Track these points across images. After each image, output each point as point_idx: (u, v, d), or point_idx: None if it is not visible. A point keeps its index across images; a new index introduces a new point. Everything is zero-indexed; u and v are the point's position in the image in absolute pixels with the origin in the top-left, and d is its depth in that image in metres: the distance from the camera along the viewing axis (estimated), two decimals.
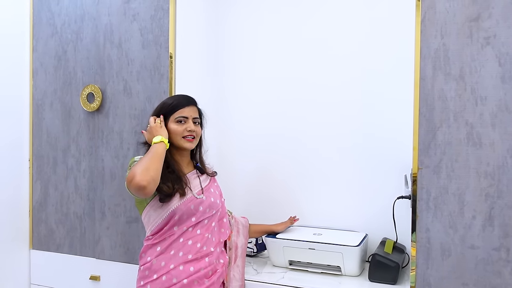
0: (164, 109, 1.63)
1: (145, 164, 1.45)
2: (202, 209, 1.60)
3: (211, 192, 1.67)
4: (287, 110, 2.21)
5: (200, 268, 1.56)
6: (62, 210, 2.16)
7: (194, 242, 1.57)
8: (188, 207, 1.57)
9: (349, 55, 2.09)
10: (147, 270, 1.55)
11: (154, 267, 1.54)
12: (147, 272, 1.55)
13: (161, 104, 1.66)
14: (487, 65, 1.44)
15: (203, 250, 1.58)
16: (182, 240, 1.56)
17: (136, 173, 1.42)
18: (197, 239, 1.58)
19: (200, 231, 1.59)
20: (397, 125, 1.98)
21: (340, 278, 1.78)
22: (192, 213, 1.58)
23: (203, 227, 1.61)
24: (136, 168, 1.44)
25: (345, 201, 2.10)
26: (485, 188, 1.45)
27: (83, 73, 2.10)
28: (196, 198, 1.59)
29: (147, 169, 1.44)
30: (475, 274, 1.46)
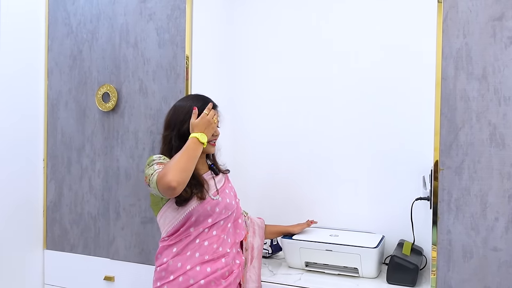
0: (189, 115, 1.58)
1: (182, 164, 1.44)
2: (218, 211, 1.59)
3: (226, 193, 1.66)
4: (303, 110, 2.20)
5: (217, 268, 1.55)
6: (77, 210, 2.16)
7: (210, 243, 1.56)
8: (205, 209, 1.56)
9: (369, 54, 2.07)
10: (164, 271, 1.54)
11: (170, 268, 1.53)
12: (163, 273, 1.54)
13: (185, 110, 1.58)
14: (510, 64, 1.42)
15: (219, 251, 1.57)
16: (198, 241, 1.55)
17: (170, 171, 1.41)
18: (213, 240, 1.57)
19: (216, 232, 1.59)
20: (415, 125, 1.96)
21: (358, 280, 1.77)
22: (208, 214, 1.57)
23: (219, 228, 1.60)
24: (172, 166, 1.42)
25: (362, 202, 2.08)
26: (509, 190, 1.43)
27: (99, 73, 2.10)
28: (212, 200, 1.58)
29: (183, 170, 1.43)
30: (498, 277, 1.44)
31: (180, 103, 1.64)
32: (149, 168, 1.53)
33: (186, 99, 1.66)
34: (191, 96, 1.69)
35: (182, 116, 1.59)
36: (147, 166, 1.55)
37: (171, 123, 1.61)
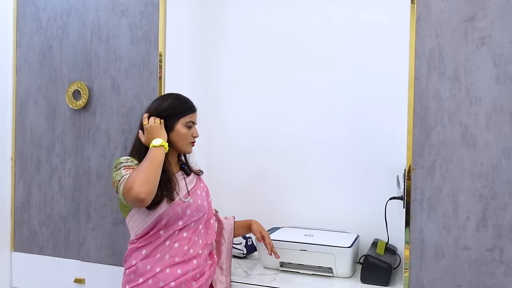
0: (175, 110, 1.56)
1: (145, 174, 1.39)
2: (189, 213, 1.55)
3: (197, 194, 1.62)
4: (279, 110, 2.19)
5: (188, 270, 1.51)
6: (46, 210, 2.09)
7: (180, 245, 1.53)
8: (176, 212, 1.52)
9: (343, 55, 2.08)
10: (133, 274, 1.50)
11: (139, 270, 1.49)
12: (132, 276, 1.50)
13: (170, 103, 1.56)
14: (482, 65, 1.44)
15: (190, 253, 1.54)
16: (169, 243, 1.52)
17: (135, 183, 1.37)
18: (184, 242, 1.54)
19: (187, 234, 1.55)
20: (389, 126, 1.97)
21: (332, 279, 1.76)
22: (179, 217, 1.53)
23: (190, 230, 1.56)
24: (135, 178, 1.38)
25: (337, 202, 2.09)
26: (479, 189, 1.45)
27: (69, 70, 2.05)
28: (183, 202, 1.54)
29: (147, 180, 1.39)
30: (469, 275, 1.46)
31: (157, 102, 1.59)
32: (116, 172, 1.49)
33: (163, 98, 1.61)
34: (167, 96, 1.63)
35: (157, 116, 1.56)
36: (114, 169, 1.51)
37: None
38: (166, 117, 1.55)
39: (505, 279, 1.42)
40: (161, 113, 1.55)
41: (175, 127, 1.56)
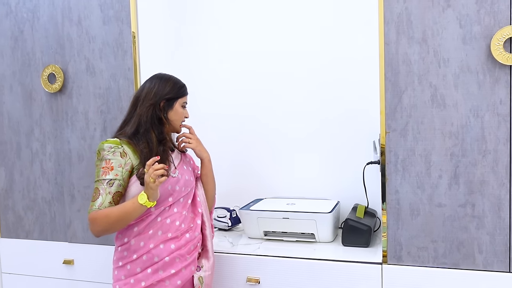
0: (176, 92, 1.59)
1: (113, 225, 1.43)
2: (178, 189, 1.57)
3: (184, 170, 1.64)
4: (254, 83, 2.20)
5: (182, 245, 1.54)
6: (30, 195, 2.10)
7: (172, 220, 1.55)
8: (165, 188, 1.53)
9: (313, 24, 2.09)
10: (126, 251, 1.52)
11: (133, 247, 1.51)
12: (125, 253, 1.52)
13: (171, 84, 1.59)
14: (448, 27, 1.47)
15: (182, 227, 1.56)
16: (160, 219, 1.54)
17: (97, 223, 1.43)
18: (175, 217, 1.56)
19: (177, 209, 1.57)
20: (363, 92, 2.00)
21: (315, 244, 1.82)
22: (169, 193, 1.55)
23: (179, 205, 1.59)
24: (102, 219, 1.42)
25: (316, 170, 2.13)
26: (450, 148, 1.50)
27: (42, 53, 2.03)
28: (172, 177, 1.56)
29: (108, 230, 1.45)
30: (443, 231, 1.52)
31: (157, 86, 1.57)
32: (97, 165, 1.50)
33: (161, 81, 1.59)
34: (165, 78, 1.61)
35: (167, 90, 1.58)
36: (97, 157, 1.51)
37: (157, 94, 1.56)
38: (168, 99, 1.58)
39: (477, 232, 1.49)
40: (165, 95, 1.57)
41: (174, 106, 1.59)
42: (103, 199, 1.44)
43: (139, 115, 1.55)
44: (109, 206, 1.45)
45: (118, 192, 1.47)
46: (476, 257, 1.49)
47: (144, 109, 1.54)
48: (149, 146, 1.52)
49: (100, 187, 1.46)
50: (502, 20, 1.42)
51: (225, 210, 2.09)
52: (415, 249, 1.55)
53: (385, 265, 1.58)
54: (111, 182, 1.46)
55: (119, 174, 1.47)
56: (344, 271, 1.62)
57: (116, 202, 1.47)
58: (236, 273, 1.75)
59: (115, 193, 1.46)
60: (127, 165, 1.49)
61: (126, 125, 1.58)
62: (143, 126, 1.54)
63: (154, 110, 1.55)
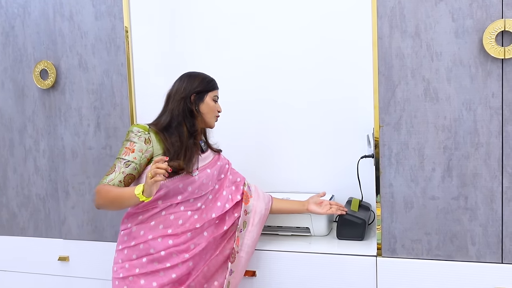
0: (204, 85, 1.65)
1: (109, 203, 1.48)
2: (191, 190, 1.56)
3: (207, 173, 1.62)
4: (248, 78, 2.20)
5: (180, 242, 1.54)
6: (24, 192, 2.09)
7: (176, 217, 1.55)
8: (176, 186, 1.53)
9: (305, 19, 2.09)
10: (126, 236, 1.57)
11: (133, 234, 1.55)
12: (126, 238, 1.57)
13: (199, 82, 1.64)
14: (441, 21, 1.47)
15: (185, 226, 1.55)
16: (164, 214, 1.55)
17: (98, 196, 1.49)
18: (180, 215, 1.56)
19: (184, 208, 1.57)
20: (357, 86, 2.01)
21: (310, 238, 1.83)
22: (179, 191, 1.55)
23: (188, 205, 1.58)
24: (103, 193, 1.47)
25: (311, 164, 2.14)
26: (443, 141, 1.51)
27: (34, 49, 2.01)
28: (190, 176, 1.55)
29: (105, 206, 1.50)
30: (437, 224, 1.54)
31: (186, 83, 1.64)
32: (123, 144, 1.55)
33: (190, 78, 1.66)
34: (193, 76, 1.67)
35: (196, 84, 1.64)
36: (125, 138, 1.57)
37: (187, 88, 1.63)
38: (198, 92, 1.63)
39: (470, 224, 1.50)
40: (194, 89, 1.62)
41: (205, 99, 1.64)
42: (115, 176, 1.50)
43: (171, 110, 1.60)
44: (117, 184, 1.49)
45: (131, 175, 1.52)
46: (469, 248, 1.51)
47: (176, 104, 1.60)
48: (181, 139, 1.56)
49: (117, 164, 1.52)
50: (494, 14, 1.43)
51: None
52: (409, 242, 1.57)
53: (380, 258, 1.60)
54: (128, 163, 1.51)
55: (137, 158, 1.52)
56: (339, 264, 1.63)
57: (126, 183, 1.52)
58: None
59: (128, 175, 1.51)
60: (148, 152, 1.53)
61: (159, 119, 1.62)
62: (176, 119, 1.59)
63: (185, 103, 1.60)
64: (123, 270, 1.53)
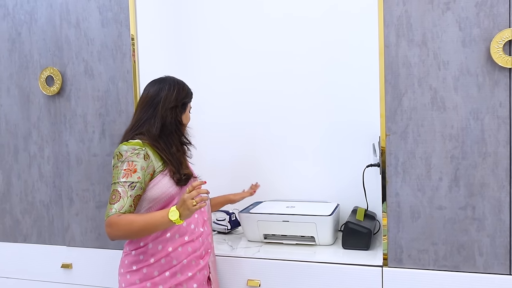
0: (190, 96, 1.66)
1: (135, 233, 1.38)
2: None
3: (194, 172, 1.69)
4: (255, 85, 2.20)
5: (196, 248, 1.55)
6: (27, 199, 2.09)
7: (188, 223, 1.54)
8: (185, 190, 1.53)
9: (312, 26, 2.09)
10: (142, 255, 1.50)
11: (150, 251, 1.49)
12: (141, 257, 1.50)
13: (186, 89, 1.64)
14: (448, 30, 1.47)
15: (196, 231, 1.56)
16: None
17: (117, 228, 1.37)
18: (190, 220, 1.56)
19: None
20: (362, 95, 2.01)
21: (315, 248, 1.81)
22: None
23: None
24: (125, 225, 1.37)
25: (316, 173, 2.13)
26: (450, 150, 1.50)
27: (40, 56, 2.02)
28: (196, 180, 1.60)
29: (129, 237, 1.42)
30: (444, 234, 1.52)
31: (174, 90, 1.59)
32: (117, 167, 1.45)
33: (177, 86, 1.61)
34: (180, 83, 1.64)
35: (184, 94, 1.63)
36: (117, 158, 1.47)
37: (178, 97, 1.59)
38: (184, 103, 1.62)
39: (477, 234, 1.49)
40: (183, 99, 1.62)
41: (186, 110, 1.65)
42: (124, 202, 1.41)
43: (162, 117, 1.54)
44: (129, 209, 1.41)
45: (138, 195, 1.45)
46: (477, 259, 1.49)
47: (168, 112, 1.55)
48: (177, 148, 1.57)
49: (120, 189, 1.42)
50: (502, 23, 1.42)
51: (224, 213, 2.08)
52: (415, 252, 1.55)
53: (386, 268, 1.58)
54: (133, 185, 1.43)
55: (141, 177, 1.45)
56: (345, 274, 1.62)
57: (135, 206, 1.45)
58: (236, 276, 1.74)
59: (136, 197, 1.44)
60: (150, 168, 1.48)
61: (143, 126, 1.54)
62: (168, 128, 1.56)
63: (176, 113, 1.59)
64: None
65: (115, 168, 1.47)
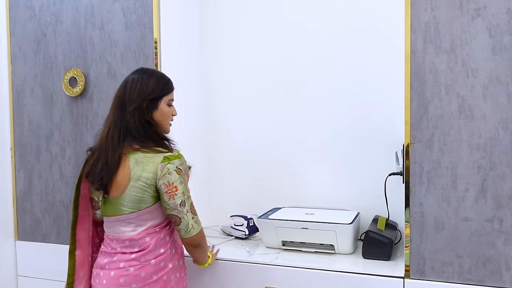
0: (160, 90, 1.49)
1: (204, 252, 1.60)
2: None
3: None
4: (276, 92, 2.18)
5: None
6: (48, 199, 2.11)
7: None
8: None
9: (337, 33, 2.07)
10: (163, 262, 1.48)
11: (169, 256, 1.50)
12: (162, 264, 1.48)
13: (155, 84, 1.47)
14: (478, 37, 1.43)
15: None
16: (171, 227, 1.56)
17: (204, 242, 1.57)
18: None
19: None
20: (386, 102, 1.97)
21: (334, 256, 1.78)
22: None
23: None
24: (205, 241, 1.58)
25: (337, 180, 2.09)
26: (478, 161, 1.45)
27: (64, 57, 2.04)
28: None
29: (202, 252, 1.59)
30: (469, 246, 1.47)
31: (140, 83, 1.46)
32: (185, 176, 1.48)
33: (144, 78, 1.48)
34: (148, 74, 1.50)
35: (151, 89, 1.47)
36: (182, 171, 1.45)
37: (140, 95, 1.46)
38: (152, 99, 1.47)
39: (505, 248, 1.44)
40: (149, 96, 1.46)
41: (159, 106, 1.49)
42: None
43: (127, 122, 1.44)
44: None
45: None
46: (503, 274, 1.44)
47: (129, 116, 1.44)
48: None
49: (192, 203, 1.50)
50: None
51: (242, 219, 2.06)
52: (439, 264, 1.51)
53: (407, 280, 1.54)
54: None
55: None
56: (365, 284, 1.58)
57: None
58: (253, 282, 1.72)
59: None
60: None
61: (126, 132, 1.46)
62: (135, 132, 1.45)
63: (140, 113, 1.45)
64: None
65: (180, 183, 1.44)
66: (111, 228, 1.50)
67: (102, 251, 1.52)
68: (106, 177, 1.44)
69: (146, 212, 1.46)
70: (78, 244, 1.55)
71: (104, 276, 1.45)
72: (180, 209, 1.44)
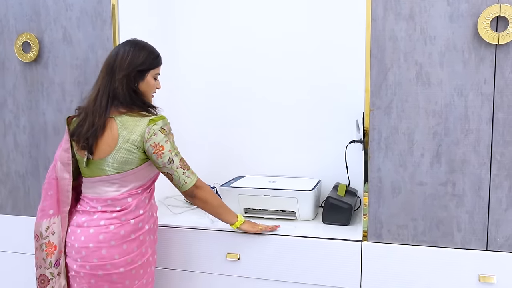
0: (150, 63, 1.54)
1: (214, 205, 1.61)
2: None
3: None
4: (236, 61, 2.16)
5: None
6: (2, 169, 2.03)
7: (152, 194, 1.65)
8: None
9: (297, 3, 2.05)
10: (141, 222, 1.53)
11: (146, 218, 1.55)
12: (140, 224, 1.53)
13: (145, 57, 1.52)
14: (436, 4, 1.45)
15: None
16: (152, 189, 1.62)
17: (207, 192, 1.57)
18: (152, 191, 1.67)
19: None
20: (346, 70, 1.98)
21: (295, 222, 1.81)
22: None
23: None
24: (209, 191, 1.58)
25: (298, 149, 2.11)
26: (433, 127, 1.49)
27: (16, 21, 1.93)
28: None
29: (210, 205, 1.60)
30: (423, 209, 1.53)
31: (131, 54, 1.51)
32: (170, 136, 1.52)
33: (135, 49, 1.52)
34: (140, 46, 1.54)
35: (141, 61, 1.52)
36: (168, 131, 1.51)
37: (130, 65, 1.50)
38: (141, 70, 1.52)
39: (457, 210, 1.50)
40: (138, 67, 1.51)
41: (146, 78, 1.55)
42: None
43: (114, 88, 1.49)
44: None
45: None
46: (455, 235, 1.51)
47: (118, 83, 1.48)
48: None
49: (183, 157, 1.53)
50: None
51: None
52: (395, 227, 1.56)
53: (365, 243, 1.59)
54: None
55: None
56: (324, 248, 1.62)
57: None
58: (216, 249, 1.73)
59: None
60: None
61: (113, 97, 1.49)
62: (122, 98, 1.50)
63: (128, 81, 1.50)
64: (140, 256, 1.53)
65: (166, 142, 1.49)
66: (90, 188, 1.53)
67: (79, 209, 1.55)
68: (91, 139, 1.47)
69: (130, 173, 1.50)
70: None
71: (82, 233, 1.49)
72: (169, 166, 1.49)
